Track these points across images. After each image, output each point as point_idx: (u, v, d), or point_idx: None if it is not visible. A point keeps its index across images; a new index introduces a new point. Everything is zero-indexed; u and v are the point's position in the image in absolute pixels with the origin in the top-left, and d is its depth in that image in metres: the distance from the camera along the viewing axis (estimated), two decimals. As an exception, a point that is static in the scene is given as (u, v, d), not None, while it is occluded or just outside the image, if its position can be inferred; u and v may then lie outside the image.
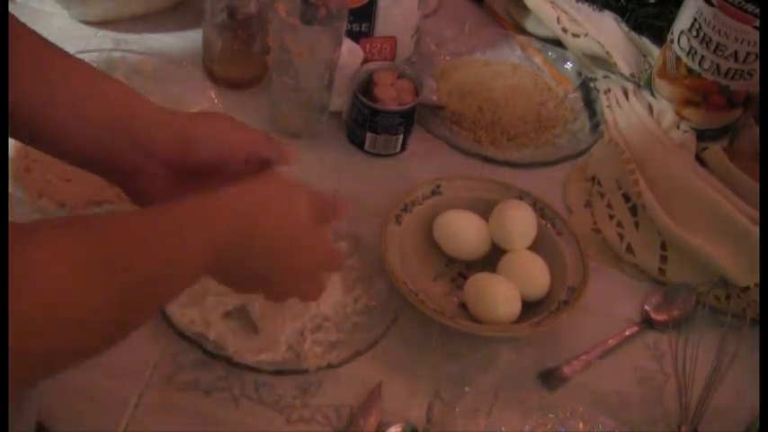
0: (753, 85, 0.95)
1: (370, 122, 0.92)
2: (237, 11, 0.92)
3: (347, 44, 0.92)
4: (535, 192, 0.87)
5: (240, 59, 0.97)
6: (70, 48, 0.64)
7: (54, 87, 0.60)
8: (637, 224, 0.90)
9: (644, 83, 1.04)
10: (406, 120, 0.92)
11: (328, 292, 0.76)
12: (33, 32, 0.61)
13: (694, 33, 0.94)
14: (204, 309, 0.73)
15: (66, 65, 0.62)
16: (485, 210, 0.84)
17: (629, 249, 0.89)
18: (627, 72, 1.04)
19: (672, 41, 0.98)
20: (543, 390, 0.76)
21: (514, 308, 0.77)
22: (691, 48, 0.95)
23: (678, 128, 0.97)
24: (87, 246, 0.47)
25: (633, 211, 0.91)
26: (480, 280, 0.79)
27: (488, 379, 0.76)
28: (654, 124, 0.98)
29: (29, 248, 0.44)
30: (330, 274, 0.71)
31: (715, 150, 0.97)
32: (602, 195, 0.94)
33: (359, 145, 0.94)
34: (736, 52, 0.92)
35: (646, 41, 1.11)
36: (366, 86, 0.94)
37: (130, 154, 0.62)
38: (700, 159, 0.97)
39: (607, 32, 1.08)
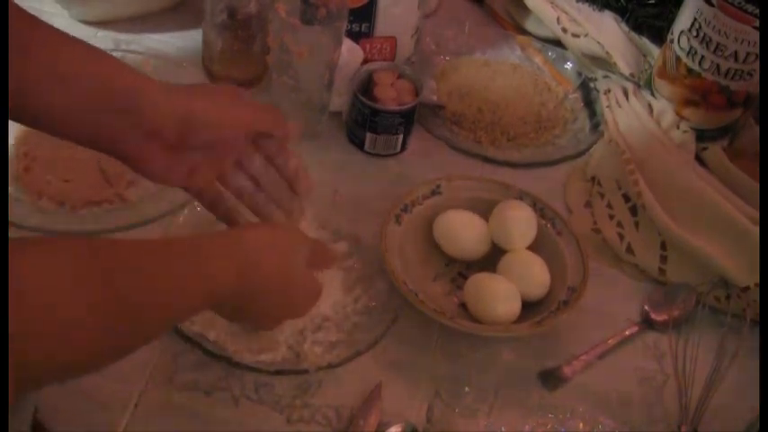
0: (753, 85, 0.95)
1: (370, 122, 0.92)
2: (237, 11, 0.92)
3: (347, 44, 0.92)
4: (535, 192, 0.87)
5: (240, 59, 0.97)
6: (70, 48, 0.64)
7: (51, 70, 0.59)
8: (637, 224, 0.90)
9: (644, 83, 1.04)
10: (406, 120, 0.92)
11: (328, 293, 0.77)
12: (32, 16, 0.60)
13: (694, 33, 0.94)
14: (204, 309, 0.73)
15: (64, 44, 0.61)
16: (485, 210, 0.84)
17: (629, 249, 0.89)
18: (627, 72, 1.04)
19: (672, 41, 0.98)
20: (543, 390, 0.76)
21: (514, 308, 0.77)
22: (691, 48, 0.95)
23: (678, 128, 0.97)
24: (74, 262, 0.48)
25: (633, 211, 0.91)
26: (480, 280, 0.79)
27: (488, 379, 0.76)
28: (654, 124, 0.98)
29: (17, 261, 0.45)
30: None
31: (715, 150, 0.97)
32: (602, 195, 0.93)
33: (359, 145, 0.94)
34: (736, 52, 0.92)
35: (646, 41, 1.11)
36: (366, 86, 0.94)
37: (129, 136, 0.61)
38: (700, 159, 0.97)
39: (607, 32, 1.08)
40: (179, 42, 1.02)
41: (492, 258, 0.83)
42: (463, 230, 0.83)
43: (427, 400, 0.74)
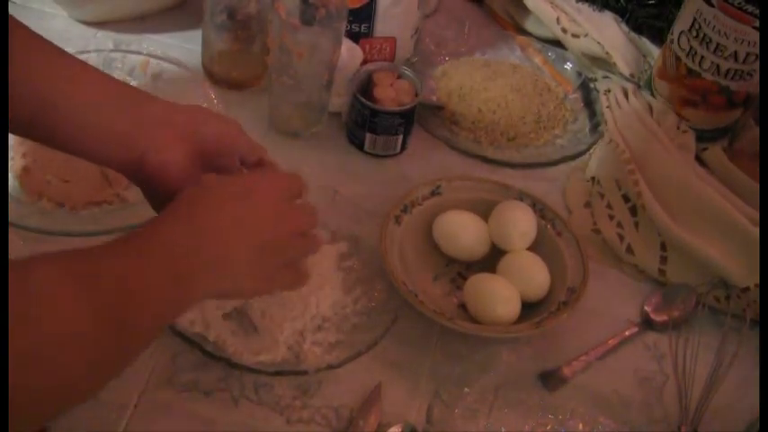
0: (753, 86, 0.95)
1: (369, 123, 0.92)
2: (237, 11, 0.92)
3: (347, 45, 0.92)
4: (535, 192, 0.87)
5: (240, 60, 0.97)
6: (70, 48, 0.65)
7: (74, 85, 0.61)
8: (636, 224, 0.90)
9: (644, 83, 1.04)
10: (406, 120, 0.92)
11: (328, 293, 0.77)
12: (39, 36, 0.62)
13: (694, 34, 0.94)
14: (204, 309, 0.73)
15: (77, 65, 0.64)
16: (484, 210, 0.84)
17: (629, 250, 0.89)
18: (627, 72, 1.04)
19: (672, 42, 0.98)
20: (543, 390, 0.76)
21: (514, 308, 0.77)
22: (690, 48, 0.95)
23: (678, 128, 0.97)
24: (84, 277, 0.49)
25: (633, 211, 0.91)
26: (480, 280, 0.79)
27: (488, 379, 0.76)
28: (654, 124, 0.97)
29: (27, 283, 0.45)
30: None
31: (715, 151, 0.97)
32: (601, 196, 0.93)
33: (358, 145, 0.94)
34: (735, 52, 0.92)
35: (646, 42, 1.11)
36: (365, 87, 0.94)
37: (151, 128, 0.63)
38: (700, 159, 0.97)
39: (607, 33, 1.08)
40: (179, 43, 1.02)
41: (492, 259, 0.83)
42: (463, 231, 0.83)
43: (427, 401, 0.74)
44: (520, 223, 0.82)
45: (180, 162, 0.63)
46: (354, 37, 0.96)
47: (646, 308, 0.84)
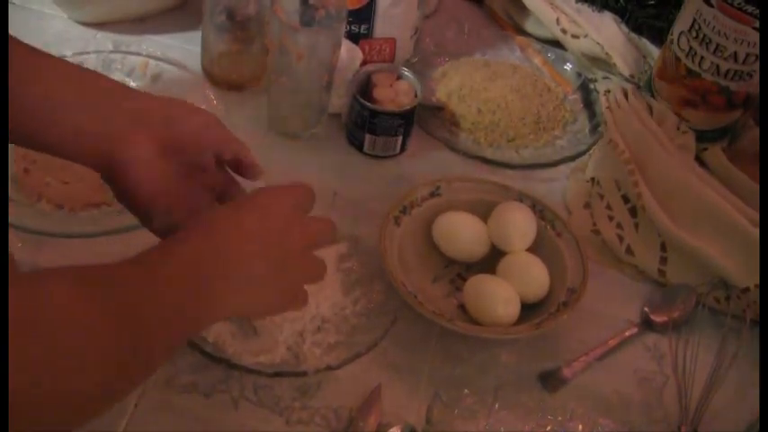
0: (752, 86, 0.95)
1: (369, 124, 0.92)
2: (236, 12, 0.92)
3: (346, 45, 0.92)
4: (534, 193, 0.87)
5: (239, 61, 0.97)
6: (69, 49, 0.65)
7: (37, 82, 0.60)
8: (636, 225, 0.90)
9: (644, 84, 1.04)
10: (406, 121, 0.92)
11: (327, 294, 0.77)
12: (13, 36, 0.61)
13: (694, 34, 0.94)
14: (203, 311, 0.73)
15: (51, 63, 0.63)
16: (484, 211, 0.84)
17: (629, 251, 0.89)
18: (627, 73, 1.04)
19: (671, 42, 0.98)
20: (543, 391, 0.76)
21: (514, 309, 0.77)
22: (690, 48, 0.95)
23: (678, 129, 0.97)
24: (97, 291, 0.48)
25: (633, 212, 0.91)
26: (479, 282, 0.79)
27: (488, 381, 0.76)
28: (654, 125, 0.97)
29: (38, 293, 0.45)
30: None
31: (715, 151, 0.97)
32: (601, 196, 0.93)
33: (358, 146, 0.94)
34: (735, 53, 0.92)
35: (645, 42, 1.11)
36: (365, 88, 0.94)
37: (117, 122, 0.61)
38: (699, 160, 0.96)
39: (607, 33, 1.08)
40: (178, 44, 1.02)
41: (491, 260, 0.83)
42: (462, 232, 0.83)
43: (427, 402, 0.73)
44: (519, 224, 0.82)
45: (150, 160, 0.62)
46: (354, 38, 0.96)
47: (645, 308, 0.84)
